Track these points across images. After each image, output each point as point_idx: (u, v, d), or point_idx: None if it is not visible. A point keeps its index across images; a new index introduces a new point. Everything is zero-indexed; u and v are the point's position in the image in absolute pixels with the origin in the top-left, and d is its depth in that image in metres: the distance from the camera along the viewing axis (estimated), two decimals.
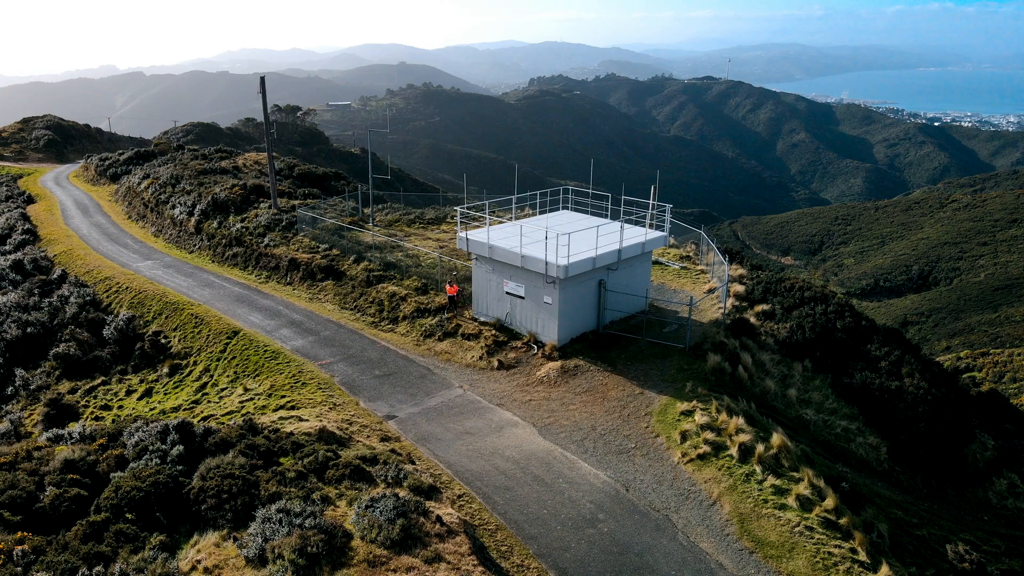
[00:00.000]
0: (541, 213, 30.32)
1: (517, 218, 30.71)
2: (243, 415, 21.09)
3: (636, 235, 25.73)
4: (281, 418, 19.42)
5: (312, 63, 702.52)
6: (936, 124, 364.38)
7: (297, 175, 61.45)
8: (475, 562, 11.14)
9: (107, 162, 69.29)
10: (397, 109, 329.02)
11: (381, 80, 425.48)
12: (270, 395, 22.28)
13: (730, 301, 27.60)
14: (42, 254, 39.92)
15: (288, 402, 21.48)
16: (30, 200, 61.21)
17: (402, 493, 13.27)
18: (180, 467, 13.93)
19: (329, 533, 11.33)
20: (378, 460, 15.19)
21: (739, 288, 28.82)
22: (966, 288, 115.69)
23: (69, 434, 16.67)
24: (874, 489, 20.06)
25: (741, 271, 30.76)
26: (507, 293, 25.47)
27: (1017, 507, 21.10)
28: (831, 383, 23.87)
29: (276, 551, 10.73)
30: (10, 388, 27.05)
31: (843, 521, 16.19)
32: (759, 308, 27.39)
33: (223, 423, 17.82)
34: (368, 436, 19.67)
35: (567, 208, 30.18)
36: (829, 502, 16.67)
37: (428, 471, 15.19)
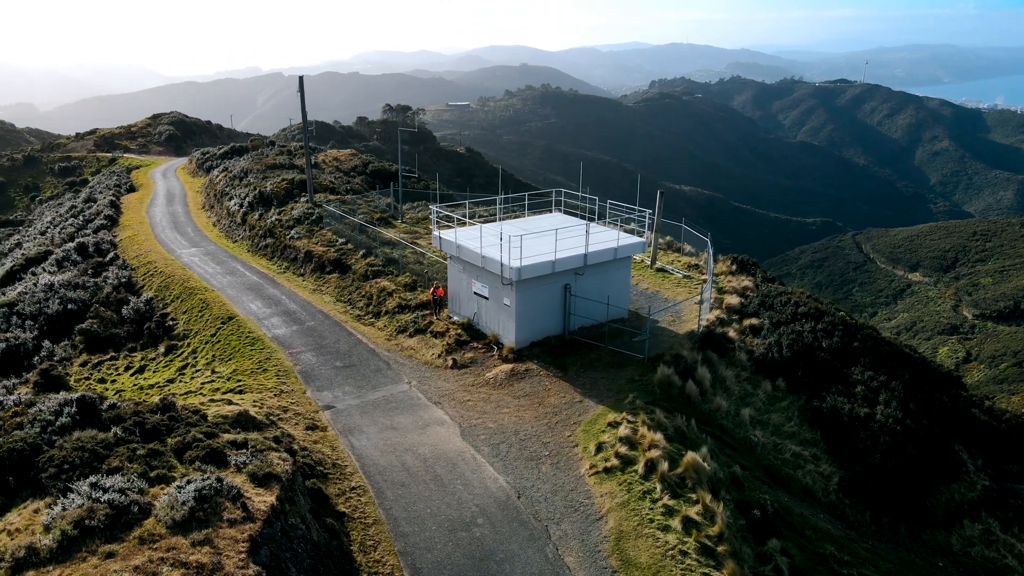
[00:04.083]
0: (535, 215, 30.08)
1: (515, 219, 30.56)
2: (199, 395, 22.32)
3: (607, 240, 25.02)
4: (212, 400, 20.36)
5: (437, 64, 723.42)
6: None
7: (370, 172, 63.71)
8: (242, 550, 11.37)
9: (206, 156, 74.42)
10: (514, 110, 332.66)
11: (502, 81, 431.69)
12: (229, 379, 23.37)
13: (716, 313, 26.32)
14: (109, 238, 43.49)
15: (239, 386, 22.45)
16: (131, 189, 66.71)
17: (234, 479, 13.69)
18: (55, 438, 14.96)
19: (120, 509, 11.89)
20: (247, 444, 15.69)
21: (734, 300, 27.41)
22: None
23: (2, 400, 18.26)
24: (810, 520, 18.62)
25: (746, 283, 29.21)
26: (475, 293, 25.48)
27: (984, 556, 18.95)
28: (801, 405, 22.33)
29: (58, 521, 11.40)
30: (36, 359, 29.71)
31: (721, 549, 15.20)
32: (748, 322, 25.96)
33: (138, 400, 18.87)
34: (295, 424, 20.29)
35: (559, 210, 29.76)
36: (715, 528, 15.69)
37: (279, 461, 15.52)
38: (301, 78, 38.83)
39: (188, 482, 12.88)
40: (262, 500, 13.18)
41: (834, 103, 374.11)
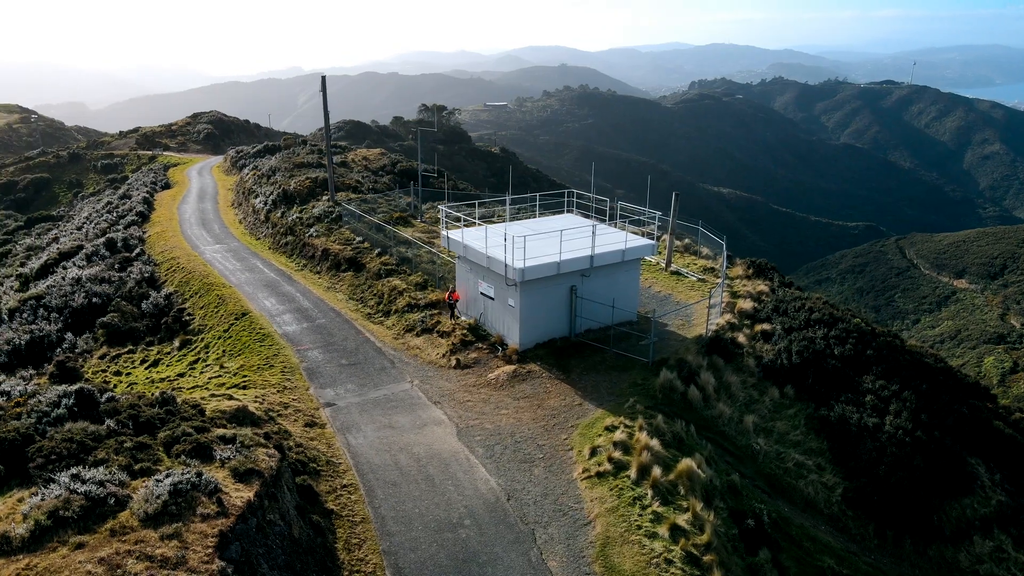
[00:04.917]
0: (552, 214, 29.91)
1: (526, 219, 30.42)
2: (205, 389, 22.64)
3: (614, 241, 24.72)
4: (212, 395, 20.63)
5: (476, 64, 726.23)
6: None
7: (398, 171, 64.20)
8: (210, 544, 11.45)
9: (240, 154, 75.65)
10: (552, 111, 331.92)
11: (540, 82, 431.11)
12: (235, 374, 23.66)
13: (727, 318, 25.85)
14: (138, 234, 44.44)
15: (244, 382, 22.72)
16: (167, 186, 68.10)
17: (215, 473, 13.81)
18: (49, 428, 15.27)
19: (96, 501, 12.07)
20: (236, 440, 15.83)
21: (747, 305, 26.89)
22: None
23: (10, 391, 18.73)
24: (809, 532, 18.15)
25: (761, 287, 28.64)
26: (481, 294, 25.42)
27: (993, 573, 18.25)
28: (809, 414, 21.80)
29: (35, 511, 11.61)
30: (58, 350, 30.47)
31: (708, 558, 14.89)
32: (759, 327, 25.42)
33: (140, 393, 19.17)
34: (294, 421, 20.45)
35: (573, 211, 29.54)
36: (703, 537, 15.38)
37: (264, 457, 15.62)
38: (324, 77, 39.24)
39: (167, 476, 13.03)
40: (240, 496, 13.27)
41: (880, 105, 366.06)
